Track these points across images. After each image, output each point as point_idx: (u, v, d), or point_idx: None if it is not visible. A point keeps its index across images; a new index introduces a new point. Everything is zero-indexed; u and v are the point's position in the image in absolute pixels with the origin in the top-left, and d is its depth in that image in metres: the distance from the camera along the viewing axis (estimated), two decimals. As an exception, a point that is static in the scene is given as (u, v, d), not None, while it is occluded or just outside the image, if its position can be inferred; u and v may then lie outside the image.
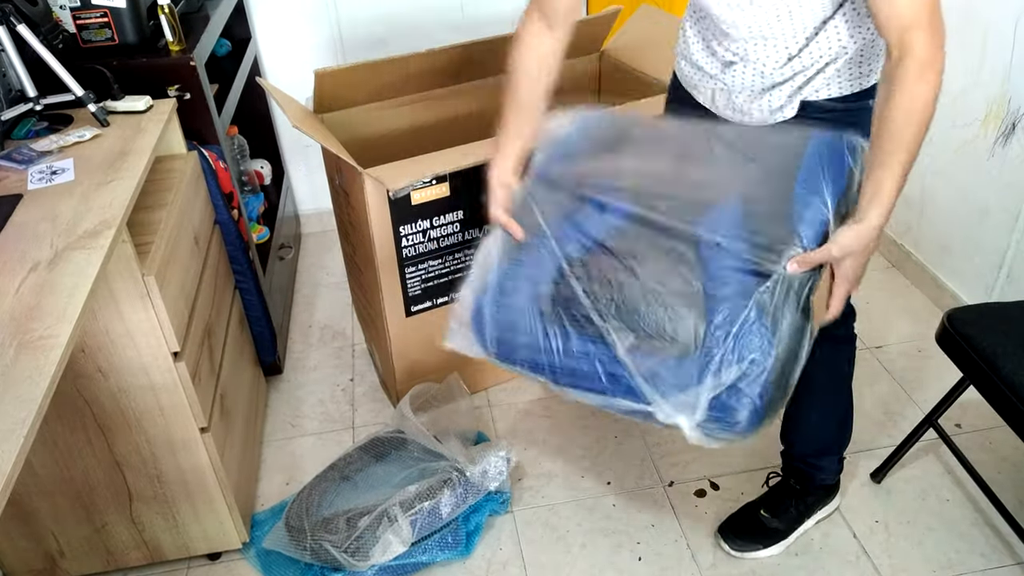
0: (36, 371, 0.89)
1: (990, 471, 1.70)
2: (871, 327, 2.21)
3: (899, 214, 2.43)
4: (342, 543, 1.50)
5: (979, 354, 1.39)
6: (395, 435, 1.78)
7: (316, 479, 1.70)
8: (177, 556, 1.62)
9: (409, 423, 1.74)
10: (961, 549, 1.60)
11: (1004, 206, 1.99)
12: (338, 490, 1.67)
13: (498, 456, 1.66)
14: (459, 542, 1.61)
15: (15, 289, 1.02)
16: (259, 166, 2.46)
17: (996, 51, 1.94)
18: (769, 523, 1.60)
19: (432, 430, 1.73)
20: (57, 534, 1.52)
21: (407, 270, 1.72)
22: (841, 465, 1.62)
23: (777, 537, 1.60)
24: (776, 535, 1.60)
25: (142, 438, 1.43)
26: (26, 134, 1.48)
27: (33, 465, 1.41)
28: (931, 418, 1.64)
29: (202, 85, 1.66)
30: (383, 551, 1.50)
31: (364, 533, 1.51)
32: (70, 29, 1.63)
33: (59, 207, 1.22)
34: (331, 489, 1.67)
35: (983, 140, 2.03)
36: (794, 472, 1.62)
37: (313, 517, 1.58)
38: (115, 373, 1.34)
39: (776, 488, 1.65)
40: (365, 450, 1.76)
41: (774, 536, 1.60)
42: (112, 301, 1.27)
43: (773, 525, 1.60)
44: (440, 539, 1.59)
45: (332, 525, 1.54)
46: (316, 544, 1.52)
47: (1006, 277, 2.03)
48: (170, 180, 1.53)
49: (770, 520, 1.60)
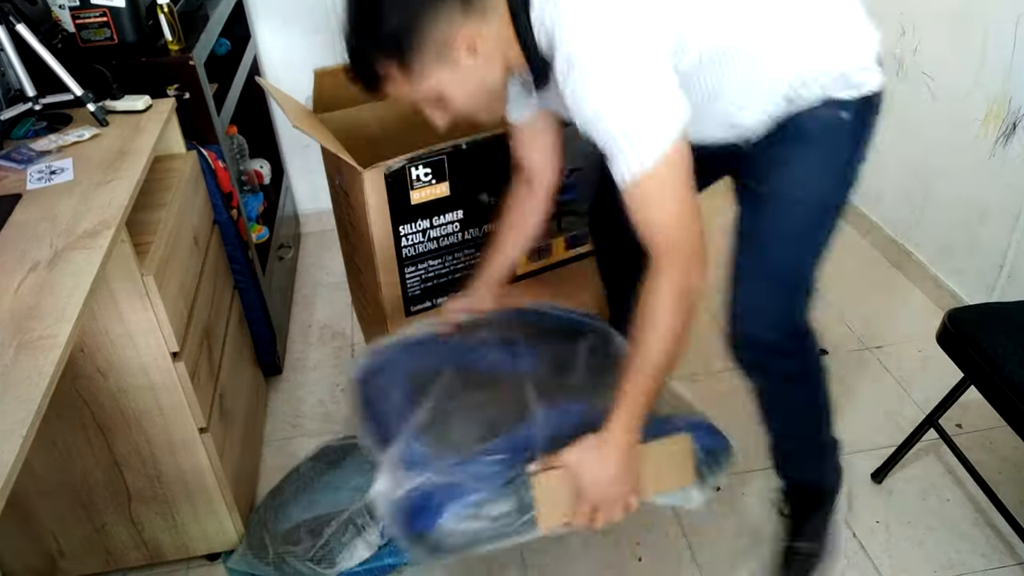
0: (35, 371, 0.89)
1: (991, 471, 1.70)
2: (871, 327, 2.21)
3: (900, 213, 2.43)
4: (306, 553, 1.48)
5: (980, 354, 1.39)
6: (347, 441, 1.76)
7: (270, 494, 1.68)
8: (176, 556, 1.62)
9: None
10: (962, 549, 1.59)
11: (1005, 206, 1.99)
12: (296, 501, 1.65)
13: None
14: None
15: (14, 289, 1.02)
16: (258, 166, 2.45)
17: (997, 51, 1.94)
18: (814, 551, 1.54)
19: None
20: (56, 534, 1.52)
21: (407, 270, 1.72)
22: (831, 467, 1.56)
23: (830, 558, 1.54)
24: (828, 557, 1.54)
25: (141, 438, 1.42)
26: (25, 134, 1.48)
27: (32, 465, 1.41)
28: (932, 418, 1.64)
29: (201, 84, 1.66)
30: (351, 557, 1.48)
31: (330, 540, 1.48)
32: (69, 28, 1.63)
33: (58, 207, 1.22)
34: (288, 501, 1.65)
35: (984, 140, 2.03)
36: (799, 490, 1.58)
37: (273, 532, 1.56)
38: (114, 373, 1.34)
39: (793, 513, 1.59)
40: (317, 459, 1.74)
41: (828, 558, 1.54)
42: (111, 301, 1.27)
43: (818, 550, 1.54)
44: None
45: (294, 537, 1.52)
46: (278, 559, 1.50)
47: (1007, 277, 2.03)
48: (169, 180, 1.53)
49: (812, 547, 1.54)
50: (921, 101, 2.24)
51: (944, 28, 2.12)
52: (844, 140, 1.20)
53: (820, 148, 1.20)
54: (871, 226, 2.58)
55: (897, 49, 2.31)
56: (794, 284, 1.30)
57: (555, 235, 1.85)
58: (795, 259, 1.28)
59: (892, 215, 2.49)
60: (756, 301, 1.30)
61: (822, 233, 1.26)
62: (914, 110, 2.28)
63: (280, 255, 2.33)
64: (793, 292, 1.31)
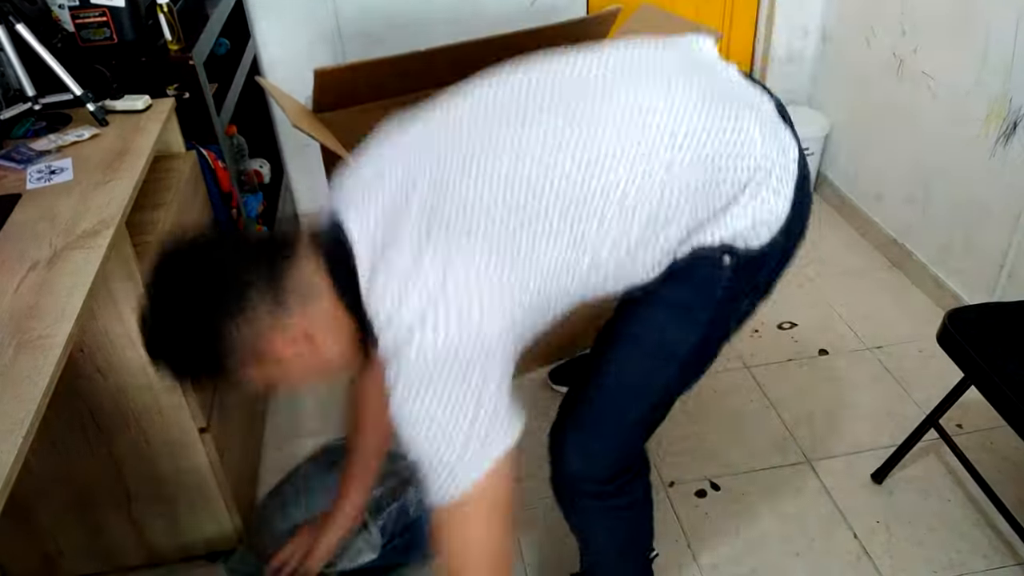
0: (35, 371, 0.89)
1: (991, 471, 1.70)
2: (872, 327, 2.21)
3: (900, 213, 2.43)
4: None
5: (980, 354, 1.39)
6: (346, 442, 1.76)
7: (270, 495, 1.68)
8: (175, 557, 1.62)
9: None
10: (962, 549, 1.59)
11: (1005, 206, 1.99)
12: (296, 502, 1.65)
13: None
14: (425, 541, 1.59)
15: (14, 288, 1.02)
16: (258, 165, 2.45)
17: (997, 50, 1.94)
18: None
19: None
20: (56, 534, 1.52)
21: (407, 270, 1.72)
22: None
23: None
24: None
25: (141, 438, 1.42)
26: (25, 133, 1.48)
27: (32, 465, 1.41)
28: (932, 418, 1.64)
29: (201, 84, 1.66)
30: (353, 558, 1.48)
31: None
32: (69, 28, 1.63)
33: (58, 207, 1.21)
34: (289, 502, 1.65)
35: (984, 140, 2.03)
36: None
37: (273, 533, 1.57)
38: (114, 373, 1.34)
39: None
40: (317, 460, 1.74)
41: None
42: (111, 301, 1.27)
43: None
44: (407, 540, 1.57)
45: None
46: None
47: (1007, 277, 2.03)
48: (169, 179, 1.53)
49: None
50: (921, 101, 2.24)
51: (944, 28, 2.12)
52: (712, 289, 1.03)
53: (681, 291, 1.04)
54: (871, 226, 2.58)
55: (897, 49, 2.31)
56: (616, 431, 1.17)
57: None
58: (622, 406, 1.15)
59: (892, 215, 2.49)
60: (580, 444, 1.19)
61: (658, 382, 1.12)
62: (914, 110, 2.28)
63: (280, 255, 2.33)
64: (616, 437, 1.18)
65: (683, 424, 1.91)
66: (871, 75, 2.44)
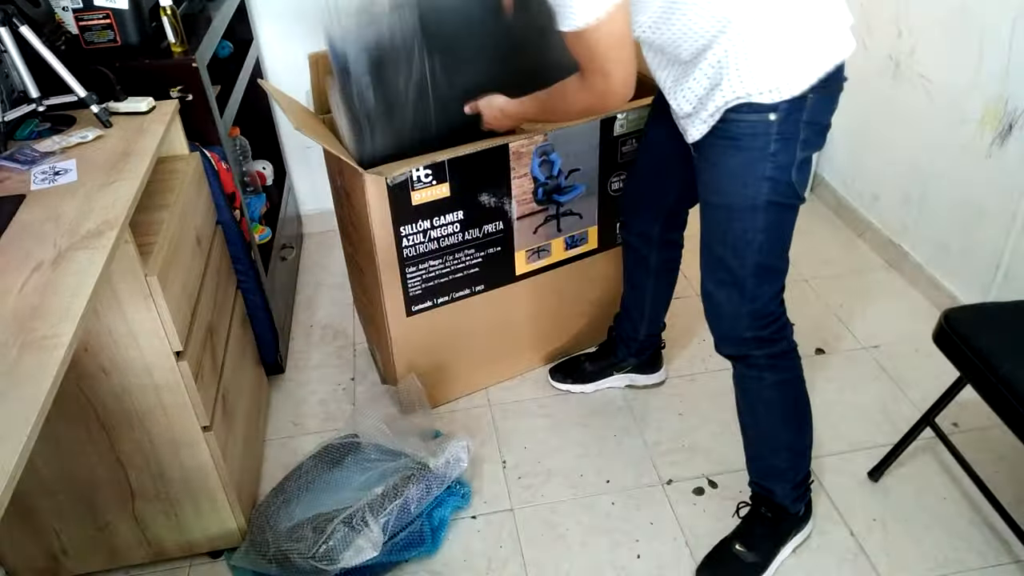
0: (39, 370, 0.89)
1: (987, 470, 1.71)
2: (868, 327, 2.22)
3: (896, 214, 2.44)
4: (308, 550, 1.49)
5: (976, 354, 1.40)
6: (349, 440, 1.77)
7: (273, 492, 1.70)
8: (179, 554, 1.63)
9: (368, 423, 1.74)
10: (958, 547, 1.60)
11: (1001, 206, 2.00)
12: (298, 500, 1.66)
13: (458, 445, 1.68)
14: (425, 539, 1.61)
15: (19, 288, 1.03)
16: (261, 167, 2.47)
17: (993, 52, 1.95)
18: (745, 557, 1.54)
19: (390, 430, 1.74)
20: (60, 532, 1.53)
21: (408, 270, 1.73)
22: (800, 492, 1.56)
23: (756, 571, 1.55)
24: (754, 570, 1.55)
25: (145, 437, 1.43)
26: (29, 135, 1.49)
27: (36, 464, 1.42)
28: (928, 417, 1.65)
29: (204, 86, 1.67)
30: (354, 556, 1.49)
31: (332, 537, 1.50)
32: (72, 30, 1.64)
33: (62, 207, 1.23)
34: (291, 499, 1.66)
35: (980, 141, 2.04)
36: (760, 499, 1.58)
37: (275, 530, 1.58)
38: (118, 372, 1.35)
39: (747, 518, 1.60)
40: (319, 458, 1.75)
41: (753, 571, 1.55)
42: (115, 301, 1.28)
43: (750, 560, 1.54)
44: (407, 537, 1.59)
45: (297, 534, 1.53)
46: (281, 556, 1.51)
47: (1003, 277, 2.04)
48: (172, 181, 1.54)
49: (745, 554, 1.55)
50: (918, 103, 2.25)
51: (940, 30, 2.13)
52: (767, 141, 1.23)
53: (741, 151, 1.25)
54: (868, 227, 2.59)
55: (894, 51, 2.32)
56: (741, 282, 1.35)
57: (555, 236, 1.86)
58: (735, 260, 1.33)
59: (889, 216, 2.50)
60: (715, 304, 1.41)
61: (757, 231, 1.30)
62: (911, 111, 2.29)
63: (282, 255, 2.34)
64: (742, 290, 1.35)
65: (680, 423, 1.93)
66: (868, 77, 2.45)
